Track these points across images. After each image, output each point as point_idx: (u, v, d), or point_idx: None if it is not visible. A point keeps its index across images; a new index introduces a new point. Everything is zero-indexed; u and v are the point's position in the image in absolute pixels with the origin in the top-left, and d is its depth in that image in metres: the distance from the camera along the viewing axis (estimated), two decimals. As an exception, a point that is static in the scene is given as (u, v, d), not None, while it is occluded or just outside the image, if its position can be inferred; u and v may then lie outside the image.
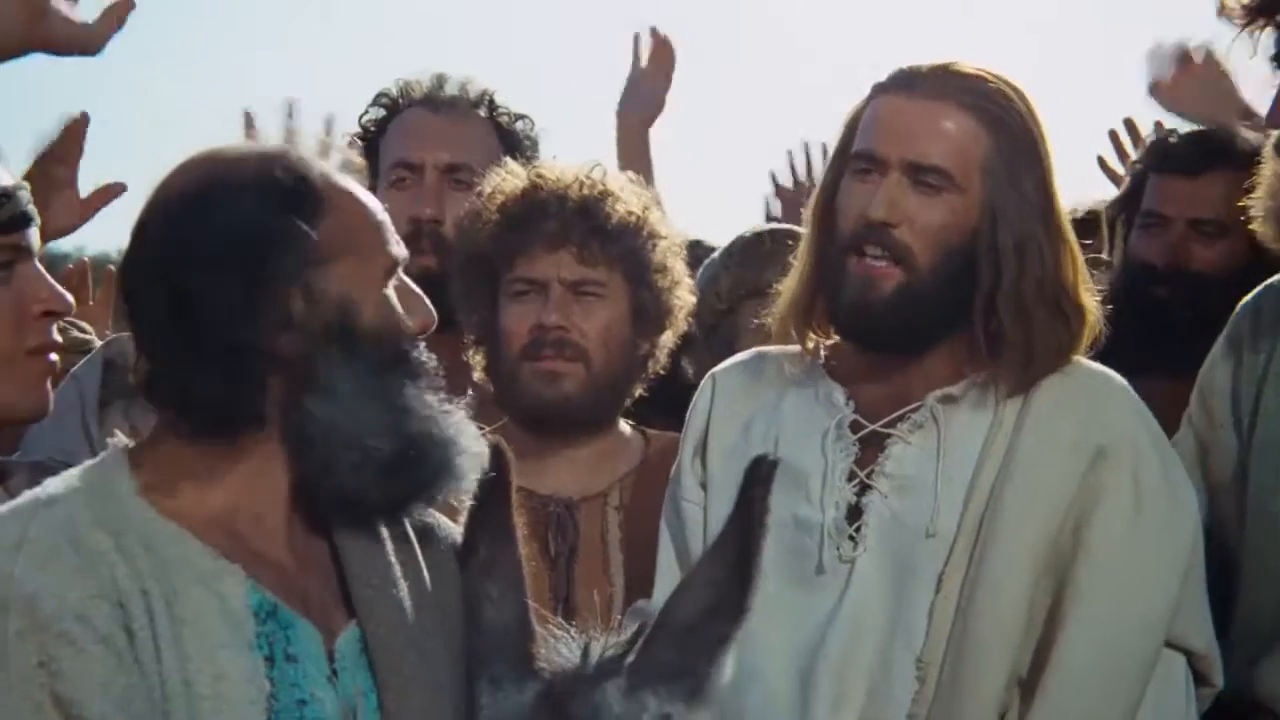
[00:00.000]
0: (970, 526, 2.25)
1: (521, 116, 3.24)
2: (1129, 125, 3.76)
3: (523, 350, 2.66)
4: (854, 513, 2.29)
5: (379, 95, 3.24)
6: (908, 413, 2.32)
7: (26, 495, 1.83)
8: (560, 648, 1.69)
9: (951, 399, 2.31)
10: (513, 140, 3.21)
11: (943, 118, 2.27)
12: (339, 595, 1.87)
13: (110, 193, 2.87)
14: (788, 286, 2.38)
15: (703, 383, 2.48)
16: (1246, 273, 2.88)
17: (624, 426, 2.78)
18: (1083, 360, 2.35)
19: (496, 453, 1.90)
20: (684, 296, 2.75)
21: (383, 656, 1.84)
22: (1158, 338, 2.93)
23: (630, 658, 1.62)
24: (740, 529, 1.66)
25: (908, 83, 2.31)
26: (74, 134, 2.87)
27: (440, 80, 3.21)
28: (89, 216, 2.87)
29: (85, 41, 2.38)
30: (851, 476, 2.30)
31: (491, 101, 3.22)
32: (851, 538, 2.28)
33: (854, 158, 2.31)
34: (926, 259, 2.26)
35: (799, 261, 2.38)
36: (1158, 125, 3.81)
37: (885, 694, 2.23)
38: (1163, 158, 3.09)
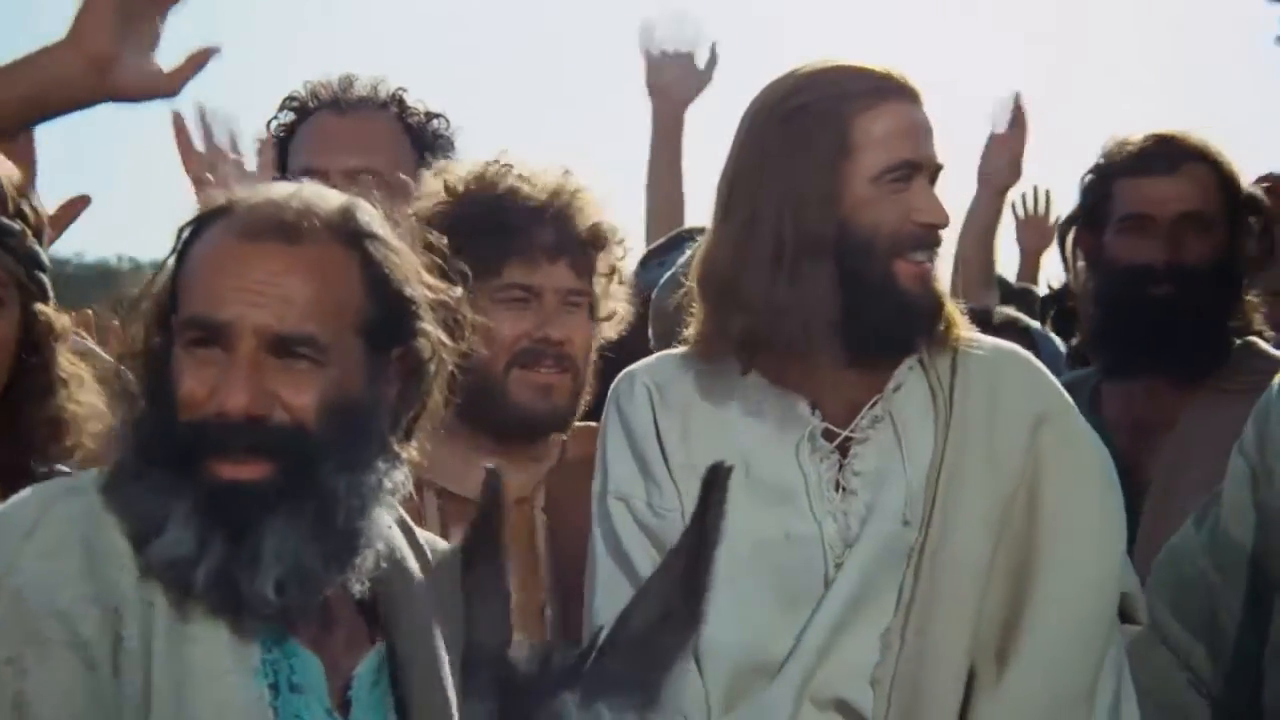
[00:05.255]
0: (932, 498, 2.28)
1: (435, 115, 3.17)
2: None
3: (514, 358, 2.60)
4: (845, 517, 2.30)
5: (287, 99, 3.17)
6: (866, 410, 2.32)
7: (56, 481, 1.86)
8: (519, 657, 1.65)
9: (898, 386, 2.33)
10: (423, 140, 3.14)
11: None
12: (359, 620, 1.88)
13: (76, 207, 2.77)
14: (777, 308, 2.26)
15: (633, 390, 2.39)
16: (1231, 266, 3.00)
17: None
18: (987, 338, 2.42)
19: (494, 480, 1.87)
20: (624, 297, 2.74)
21: (410, 672, 1.85)
22: (1162, 338, 2.97)
23: (585, 668, 1.59)
24: (694, 538, 1.62)
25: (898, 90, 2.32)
26: (26, 144, 2.75)
27: (348, 82, 3.15)
28: (55, 235, 2.76)
29: (159, 88, 2.34)
30: (836, 485, 2.30)
31: (401, 101, 3.15)
32: (848, 544, 2.28)
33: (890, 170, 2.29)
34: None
35: (811, 282, 2.25)
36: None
37: (845, 664, 2.24)
38: (1134, 161, 3.11)
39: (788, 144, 2.26)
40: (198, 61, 2.32)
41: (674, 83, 4.08)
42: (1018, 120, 3.94)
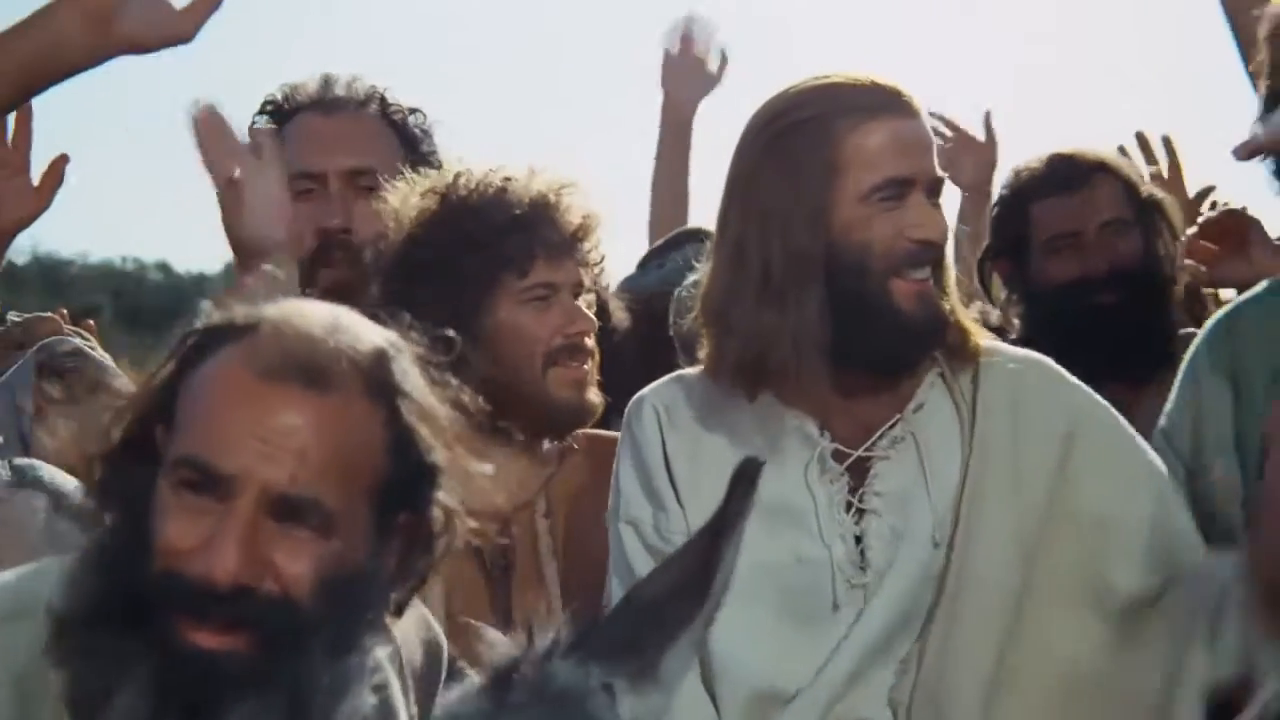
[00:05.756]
0: (955, 519, 2.24)
1: (413, 110, 3.13)
2: (1140, 140, 3.81)
3: (549, 356, 2.60)
4: (855, 540, 2.26)
5: (265, 103, 3.09)
6: (885, 430, 2.28)
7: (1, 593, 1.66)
8: (501, 643, 1.52)
9: (920, 406, 2.29)
10: (407, 135, 3.10)
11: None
12: None
13: (58, 168, 2.74)
14: (783, 330, 2.22)
15: (642, 413, 2.35)
16: (1155, 265, 3.14)
17: None
18: (1009, 347, 2.39)
19: None
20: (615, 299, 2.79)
21: None
22: (1115, 344, 3.03)
23: (583, 637, 1.49)
24: (716, 521, 1.55)
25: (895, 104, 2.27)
26: (21, 119, 2.73)
27: (327, 81, 3.09)
28: (46, 203, 2.74)
29: (172, 32, 2.22)
30: (848, 507, 2.26)
31: (382, 98, 3.10)
32: (861, 567, 2.24)
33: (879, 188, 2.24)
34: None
35: (796, 305, 2.21)
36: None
37: (870, 688, 2.21)
38: (1045, 183, 3.20)
39: (776, 164, 2.23)
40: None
41: (686, 82, 4.07)
42: (948, 126, 3.99)
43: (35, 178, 2.72)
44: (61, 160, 2.71)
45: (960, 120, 4.09)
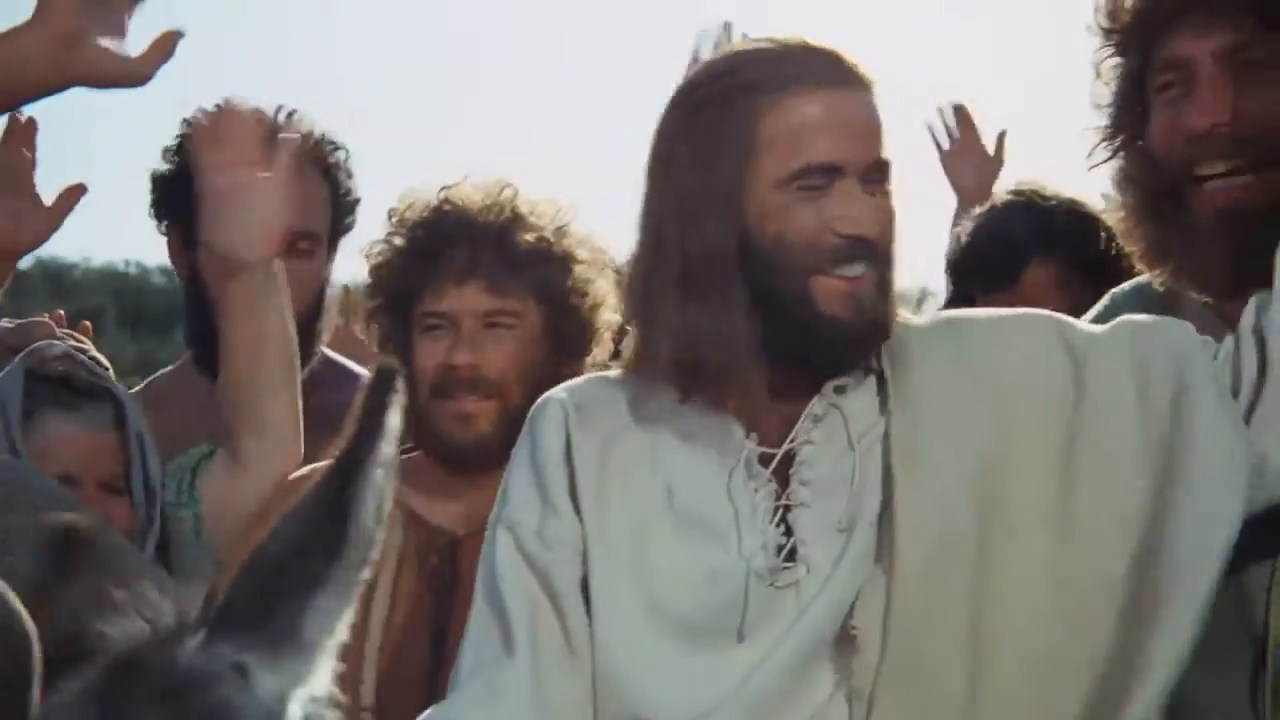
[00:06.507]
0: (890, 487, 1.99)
1: (337, 146, 2.96)
2: None
3: (433, 388, 2.57)
4: (778, 548, 2.01)
5: (180, 139, 2.89)
6: (805, 415, 2.02)
7: None
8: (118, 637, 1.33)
9: (842, 389, 2.02)
10: (335, 183, 2.94)
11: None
12: None
13: (72, 196, 2.71)
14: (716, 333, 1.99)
15: (546, 411, 2.11)
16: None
17: None
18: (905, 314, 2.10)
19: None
20: (608, 317, 2.61)
21: None
22: None
23: (209, 615, 1.30)
24: (350, 454, 1.31)
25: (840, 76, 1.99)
26: (23, 137, 2.70)
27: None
28: (56, 225, 2.71)
29: (128, 74, 2.18)
30: (774, 512, 2.00)
31: (316, 142, 2.91)
32: (786, 567, 1.98)
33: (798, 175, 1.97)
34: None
35: (721, 304, 1.98)
36: None
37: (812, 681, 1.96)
38: (982, 277, 3.11)
39: (691, 143, 1.97)
40: (165, 46, 2.18)
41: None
42: (964, 127, 3.94)
43: (49, 199, 2.70)
44: (78, 190, 2.69)
45: (978, 120, 4.00)
